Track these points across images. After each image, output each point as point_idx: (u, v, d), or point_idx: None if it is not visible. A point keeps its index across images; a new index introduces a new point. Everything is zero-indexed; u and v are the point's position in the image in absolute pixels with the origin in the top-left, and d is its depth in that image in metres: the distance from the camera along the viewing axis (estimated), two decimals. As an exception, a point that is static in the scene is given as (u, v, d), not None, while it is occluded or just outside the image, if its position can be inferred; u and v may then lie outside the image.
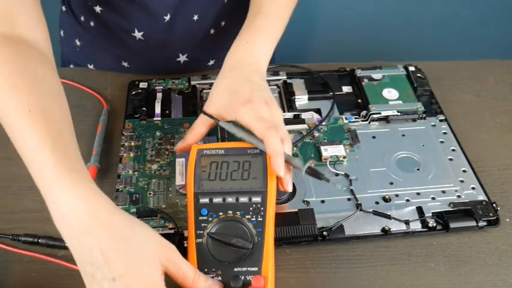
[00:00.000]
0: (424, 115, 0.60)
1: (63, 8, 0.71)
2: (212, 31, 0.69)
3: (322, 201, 0.51)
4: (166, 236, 0.46)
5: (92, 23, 0.67)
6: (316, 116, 0.60)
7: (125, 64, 0.70)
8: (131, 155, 0.54)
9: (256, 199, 0.43)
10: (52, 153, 0.38)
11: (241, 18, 0.72)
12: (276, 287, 0.45)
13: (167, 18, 0.64)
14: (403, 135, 0.58)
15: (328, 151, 0.55)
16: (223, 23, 0.70)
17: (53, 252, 0.47)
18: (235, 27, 0.71)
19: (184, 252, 0.46)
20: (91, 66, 0.72)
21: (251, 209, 0.43)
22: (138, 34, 0.66)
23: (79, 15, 0.68)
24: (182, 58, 0.69)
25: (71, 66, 0.75)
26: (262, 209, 0.43)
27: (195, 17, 0.66)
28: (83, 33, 0.70)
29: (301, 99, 0.62)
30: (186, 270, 0.39)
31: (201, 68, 0.71)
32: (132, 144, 0.55)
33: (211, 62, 0.72)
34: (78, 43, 0.71)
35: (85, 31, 0.69)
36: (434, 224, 0.49)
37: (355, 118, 0.60)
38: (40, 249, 0.48)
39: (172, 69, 0.69)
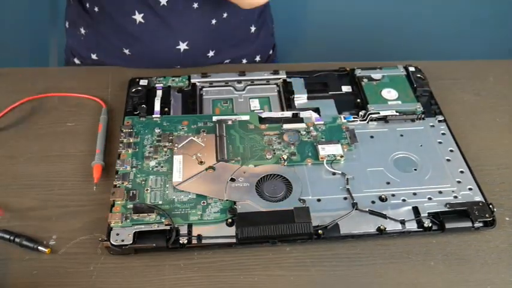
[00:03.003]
0: (423, 116, 0.60)
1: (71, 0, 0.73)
2: (213, 21, 0.70)
3: (318, 200, 0.51)
4: (162, 232, 0.47)
5: (96, 8, 0.69)
6: (314, 115, 0.60)
7: (126, 51, 0.71)
8: (129, 151, 0.55)
9: None
10: None
11: (244, 12, 0.73)
12: (275, 285, 0.45)
13: (163, 2, 0.65)
14: (402, 136, 0.58)
15: (326, 150, 0.55)
16: (225, 15, 0.70)
17: (53, 249, 0.48)
18: (236, 20, 0.72)
19: (182, 248, 0.47)
20: (94, 56, 0.73)
21: None
22: (138, 16, 0.66)
23: (85, 3, 0.70)
24: (182, 46, 0.70)
25: (75, 60, 0.76)
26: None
27: (195, 5, 0.67)
28: (88, 21, 0.71)
29: (301, 99, 0.63)
30: None
31: (200, 58, 0.71)
32: (131, 140, 0.56)
33: (211, 53, 0.72)
34: (82, 31, 0.72)
35: (90, 18, 0.70)
36: (430, 224, 0.49)
37: (354, 118, 0.60)
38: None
39: (172, 58, 0.70)
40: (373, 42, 1.10)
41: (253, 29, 0.75)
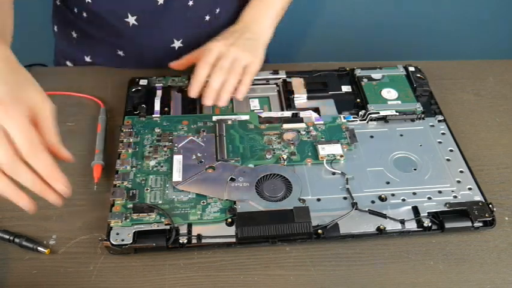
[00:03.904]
0: (422, 115, 0.60)
1: (57, 3, 0.72)
2: (207, 18, 0.70)
3: (318, 200, 0.51)
4: (162, 231, 0.48)
5: (84, 14, 0.68)
6: (314, 115, 0.60)
7: (121, 53, 0.70)
8: (129, 151, 0.55)
9: None
10: None
11: (235, 6, 0.73)
12: (275, 285, 0.45)
13: (161, 1, 0.65)
14: (401, 135, 0.58)
15: (326, 150, 0.55)
16: (217, 11, 0.70)
17: (53, 249, 0.48)
18: (228, 14, 0.73)
19: (182, 248, 0.47)
20: (88, 58, 0.73)
21: None
22: (131, 19, 0.66)
23: (72, 7, 0.69)
24: (177, 44, 0.70)
25: (68, 62, 0.75)
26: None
27: (190, 3, 0.67)
28: (79, 25, 0.70)
29: (300, 98, 0.63)
30: (53, 127, 0.42)
31: None
32: (131, 140, 0.56)
33: None
34: (74, 35, 0.72)
35: (80, 22, 0.69)
36: (430, 224, 0.49)
37: (354, 117, 0.60)
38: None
39: (167, 56, 0.70)
40: (373, 42, 1.10)
41: None
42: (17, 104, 0.39)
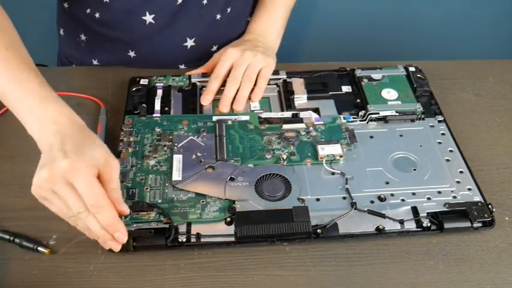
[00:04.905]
0: (422, 116, 0.60)
1: (65, 5, 0.72)
2: (218, 17, 0.70)
3: (317, 199, 0.51)
4: (161, 230, 0.48)
5: (97, 15, 0.68)
6: (314, 115, 0.60)
7: (132, 53, 0.71)
8: (129, 150, 0.55)
9: None
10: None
11: (244, 5, 0.73)
12: (275, 285, 0.46)
13: (180, 0, 0.65)
14: (401, 136, 0.58)
15: (325, 150, 0.55)
16: (228, 10, 0.71)
17: (53, 249, 0.48)
18: (238, 14, 0.73)
19: (181, 246, 0.47)
20: (95, 61, 0.73)
21: None
22: (149, 17, 0.66)
23: (84, 8, 0.69)
24: (189, 43, 0.70)
25: (73, 66, 0.75)
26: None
27: (205, 1, 0.67)
28: (89, 26, 0.70)
29: (300, 99, 0.63)
30: (116, 184, 0.44)
31: (205, 53, 0.72)
32: (131, 139, 0.56)
33: (214, 48, 0.73)
34: (83, 38, 0.72)
35: (91, 23, 0.69)
36: (429, 224, 0.49)
37: (354, 118, 0.60)
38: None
39: (178, 55, 0.70)
40: (373, 42, 1.10)
41: (249, 19, 0.76)
42: (83, 161, 0.42)
